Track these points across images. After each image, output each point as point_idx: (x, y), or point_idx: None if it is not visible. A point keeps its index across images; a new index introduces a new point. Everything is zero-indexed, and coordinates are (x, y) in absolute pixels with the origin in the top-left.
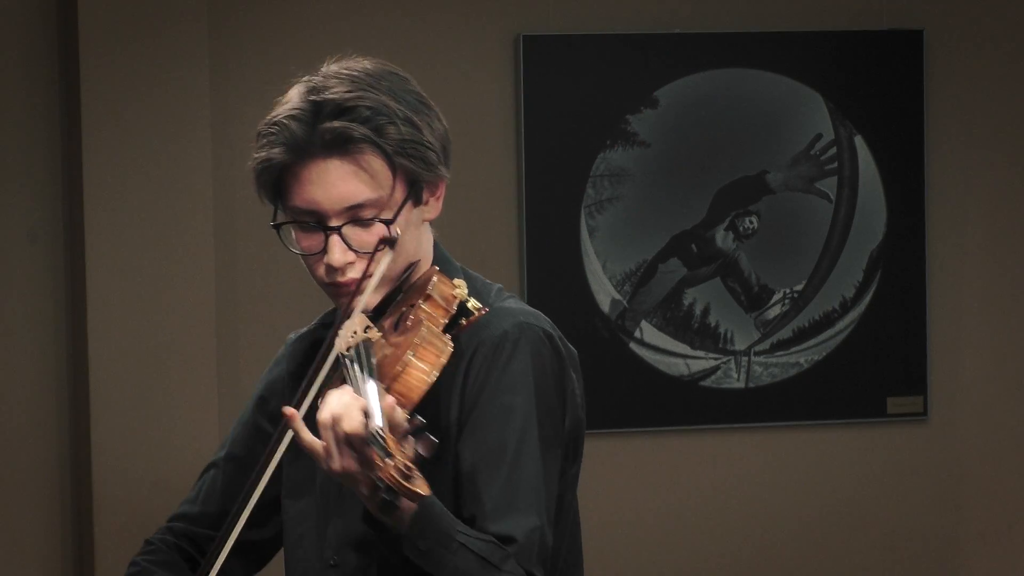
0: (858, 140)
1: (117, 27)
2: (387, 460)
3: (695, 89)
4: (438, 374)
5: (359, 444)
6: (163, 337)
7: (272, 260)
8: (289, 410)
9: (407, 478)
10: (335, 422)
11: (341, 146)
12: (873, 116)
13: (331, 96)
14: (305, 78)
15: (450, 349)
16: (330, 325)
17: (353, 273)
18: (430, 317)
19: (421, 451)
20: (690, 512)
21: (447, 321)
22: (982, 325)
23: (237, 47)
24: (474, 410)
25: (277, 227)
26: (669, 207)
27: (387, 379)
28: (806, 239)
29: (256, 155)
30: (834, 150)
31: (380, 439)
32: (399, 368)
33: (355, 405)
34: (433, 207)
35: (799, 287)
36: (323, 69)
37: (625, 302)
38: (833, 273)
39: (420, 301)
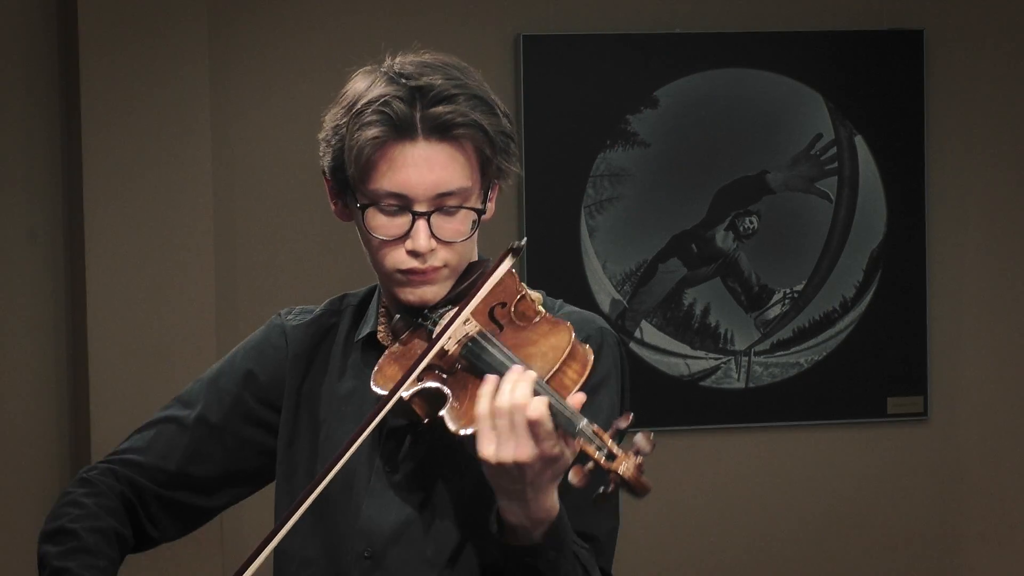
0: (858, 140)
1: (117, 27)
2: (616, 458)
3: (695, 89)
4: (586, 376)
5: (541, 431)
6: (163, 337)
7: (272, 259)
8: None
9: (643, 473)
10: (517, 409)
11: (445, 131)
12: (873, 116)
13: (432, 82)
14: (374, 68)
15: (592, 356)
16: (337, 312)
17: (434, 261)
18: (537, 313)
19: (643, 447)
20: (690, 512)
21: (539, 318)
22: (982, 325)
23: (237, 47)
24: None
25: (363, 209)
26: (669, 207)
27: (543, 376)
28: (806, 239)
29: (356, 134)
30: (834, 150)
31: (592, 434)
32: (556, 366)
33: (539, 398)
34: (489, 209)
35: (799, 287)
36: (393, 61)
37: (625, 302)
38: (833, 273)
39: (517, 299)
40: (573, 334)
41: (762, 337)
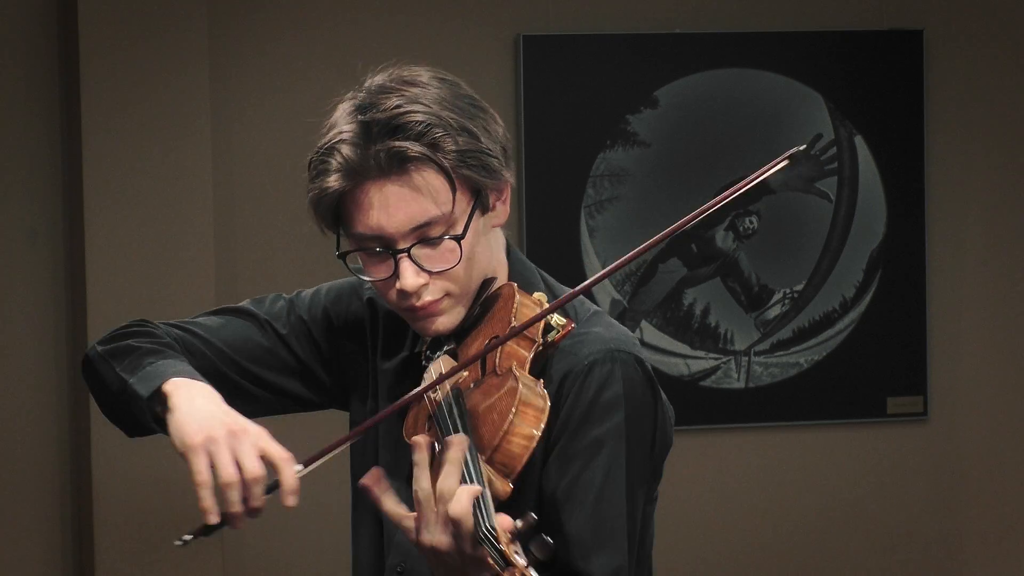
0: (858, 140)
1: (117, 27)
2: (507, 567)
3: (695, 89)
4: (539, 436)
5: (462, 529)
6: None
7: (272, 259)
8: (368, 482)
9: None
10: (440, 500)
11: (398, 166)
12: (873, 116)
13: (379, 115)
14: (350, 95)
15: (548, 407)
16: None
17: (428, 296)
18: (520, 360)
19: (537, 554)
20: (690, 512)
21: (534, 354)
22: (982, 325)
23: (237, 47)
24: (561, 439)
25: (343, 256)
26: (669, 207)
27: (488, 449)
28: (806, 239)
29: (311, 186)
30: (834, 150)
31: (493, 539)
32: (500, 437)
33: (465, 489)
34: (501, 211)
35: (799, 287)
36: (367, 82)
37: (625, 302)
38: (833, 273)
39: (507, 336)
40: (521, 393)
41: (762, 337)
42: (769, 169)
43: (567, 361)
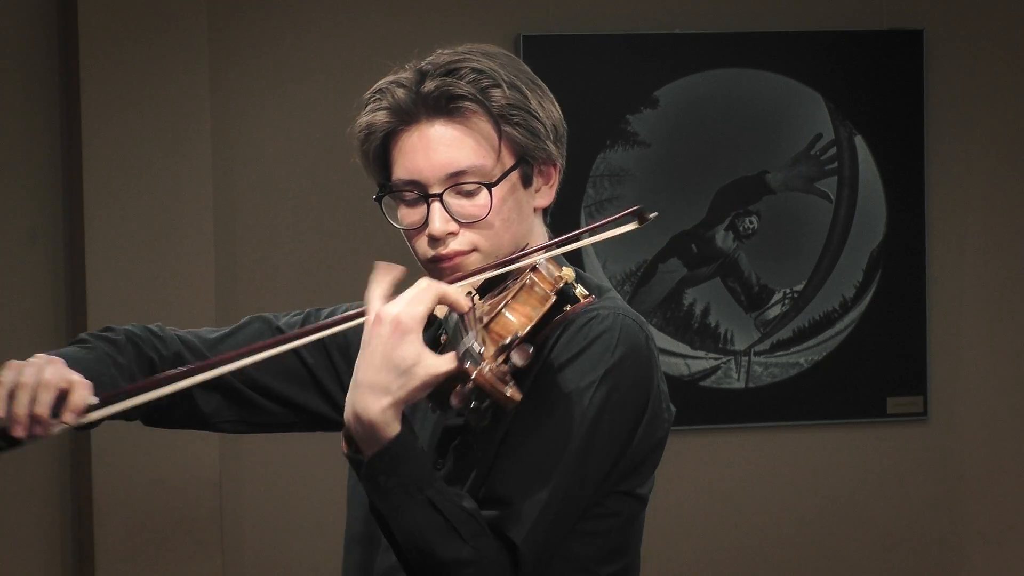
0: (858, 140)
1: (117, 27)
2: (481, 363)
3: (695, 89)
4: (538, 317)
5: (420, 299)
6: None
7: (272, 259)
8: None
9: (503, 382)
10: (432, 281)
11: (444, 107)
12: (873, 116)
13: (437, 62)
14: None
15: (554, 297)
16: None
17: (455, 245)
18: (533, 280)
19: (517, 361)
20: (690, 512)
21: (555, 299)
22: (982, 325)
23: (237, 47)
24: (540, 378)
25: (378, 200)
26: (669, 207)
27: (487, 316)
28: (806, 239)
29: (360, 121)
30: (834, 150)
31: (477, 353)
32: (500, 306)
33: (463, 292)
34: (545, 194)
35: (799, 287)
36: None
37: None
38: (833, 273)
39: (527, 270)
40: (524, 281)
41: (762, 337)
42: (616, 219)
43: (573, 317)
